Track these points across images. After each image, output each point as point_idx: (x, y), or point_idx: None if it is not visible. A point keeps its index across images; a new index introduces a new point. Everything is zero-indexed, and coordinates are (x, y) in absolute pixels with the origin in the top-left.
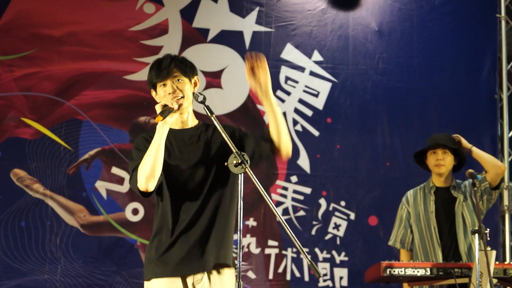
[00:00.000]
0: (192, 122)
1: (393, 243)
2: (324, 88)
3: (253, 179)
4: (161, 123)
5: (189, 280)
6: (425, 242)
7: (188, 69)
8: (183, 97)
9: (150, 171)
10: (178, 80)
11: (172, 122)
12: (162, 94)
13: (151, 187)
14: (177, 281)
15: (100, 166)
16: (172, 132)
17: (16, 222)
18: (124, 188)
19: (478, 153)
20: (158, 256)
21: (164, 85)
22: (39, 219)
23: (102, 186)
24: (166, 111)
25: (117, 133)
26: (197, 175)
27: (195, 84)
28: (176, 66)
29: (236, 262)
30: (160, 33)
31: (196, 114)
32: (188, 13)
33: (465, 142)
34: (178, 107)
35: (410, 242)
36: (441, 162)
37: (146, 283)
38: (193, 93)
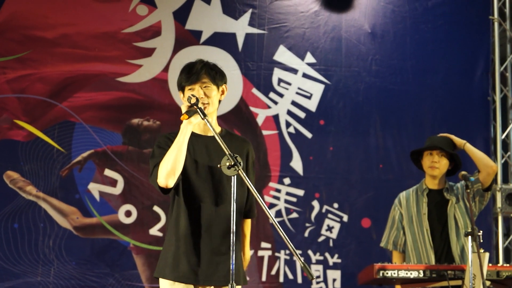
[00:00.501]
0: (216, 129)
1: (385, 244)
2: (317, 90)
3: (246, 181)
4: (186, 123)
5: None
6: (418, 244)
7: (218, 76)
8: (208, 103)
9: (171, 167)
10: (206, 86)
11: (195, 127)
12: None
13: (171, 183)
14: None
15: (93, 168)
16: (195, 137)
17: (9, 224)
18: (117, 190)
19: (471, 150)
20: (169, 258)
21: (192, 89)
22: (32, 221)
23: (95, 188)
24: (192, 111)
25: (110, 135)
26: (214, 183)
27: (223, 92)
28: (206, 72)
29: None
30: (153, 35)
31: None
32: (181, 15)
33: (457, 140)
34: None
35: (403, 244)
36: (435, 165)
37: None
38: (219, 101)
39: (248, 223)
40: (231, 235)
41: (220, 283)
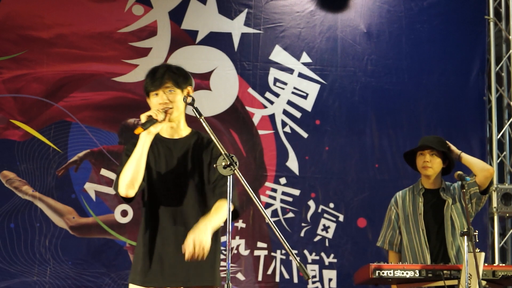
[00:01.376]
0: (184, 131)
1: (382, 244)
2: (312, 89)
3: (242, 181)
4: (145, 133)
5: None
6: (414, 244)
7: (181, 80)
8: (172, 108)
9: (130, 179)
10: (170, 91)
11: (163, 130)
12: (154, 103)
13: (131, 193)
14: None
15: (89, 168)
16: (161, 141)
17: (5, 224)
18: (113, 190)
19: (467, 159)
20: (141, 263)
21: (157, 94)
22: (28, 221)
23: (91, 188)
24: (148, 122)
25: (106, 135)
26: (181, 186)
27: (188, 94)
28: (169, 77)
29: (224, 283)
30: (149, 35)
31: (186, 116)
32: (177, 15)
33: (454, 149)
34: (165, 117)
35: (399, 244)
36: (428, 164)
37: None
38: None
39: (218, 202)
40: (227, 234)
41: (190, 284)
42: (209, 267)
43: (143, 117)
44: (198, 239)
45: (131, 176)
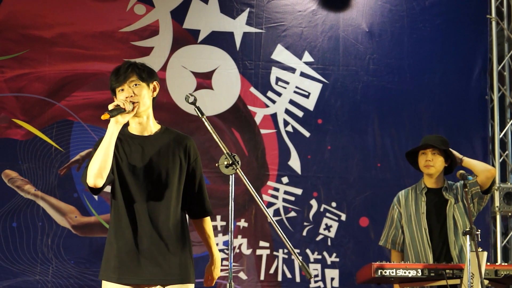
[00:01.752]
0: (154, 127)
1: (384, 243)
2: (314, 89)
3: (244, 180)
4: (113, 123)
5: None
6: (416, 243)
7: (146, 74)
8: (138, 102)
9: (98, 168)
10: (135, 85)
11: (132, 127)
12: (120, 98)
13: (99, 183)
14: None
15: None
16: (131, 138)
17: (7, 223)
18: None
19: (469, 162)
20: (114, 260)
21: (122, 90)
22: (31, 220)
23: None
24: (115, 110)
25: None
26: (154, 182)
27: (154, 89)
28: (133, 71)
29: (227, 282)
30: (151, 34)
31: (187, 115)
32: (179, 14)
33: (456, 154)
34: (133, 109)
35: (401, 243)
36: (430, 163)
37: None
38: (153, 98)
39: (207, 221)
40: (229, 233)
41: (165, 282)
42: (186, 265)
43: (111, 106)
44: (216, 275)
45: (99, 166)
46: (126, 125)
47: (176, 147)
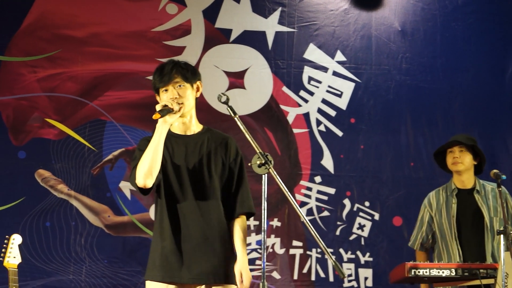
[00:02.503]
0: (196, 127)
1: (412, 244)
2: (347, 88)
3: (277, 180)
4: (161, 122)
5: None
6: (448, 244)
7: (190, 75)
8: (183, 103)
9: (148, 167)
10: (180, 86)
11: (175, 127)
12: (165, 99)
13: (149, 183)
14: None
15: (124, 167)
16: (174, 137)
17: (41, 223)
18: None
19: None
20: (160, 258)
21: (166, 90)
22: (64, 220)
23: (126, 187)
24: (165, 110)
25: (140, 134)
26: (196, 181)
27: (198, 89)
28: (177, 72)
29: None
30: (183, 33)
31: (220, 114)
32: (211, 14)
33: None
34: (179, 109)
35: (430, 245)
36: (457, 160)
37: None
38: (196, 98)
39: (243, 221)
40: (262, 233)
41: (209, 281)
42: (229, 264)
43: (158, 106)
44: (246, 273)
45: (149, 165)
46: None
47: (218, 146)
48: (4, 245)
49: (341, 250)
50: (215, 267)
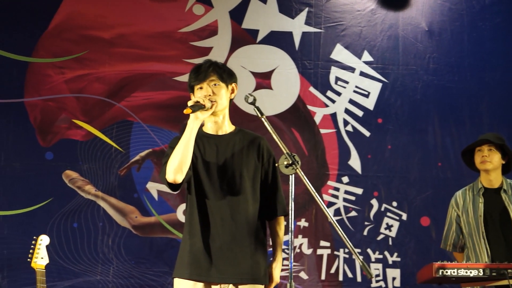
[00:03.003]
0: (229, 128)
1: (444, 245)
2: (374, 88)
3: (304, 180)
4: (193, 119)
5: None
6: (475, 244)
7: (226, 75)
8: (216, 101)
9: (178, 163)
10: (215, 84)
11: (207, 127)
12: (198, 96)
13: (179, 178)
14: (200, 286)
15: (151, 167)
16: (206, 137)
17: (68, 224)
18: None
19: None
20: (188, 256)
21: (201, 88)
22: (91, 220)
23: (153, 187)
24: (196, 106)
25: (167, 134)
26: (227, 181)
27: (232, 91)
28: (214, 71)
29: (287, 282)
30: (210, 34)
31: (246, 115)
32: (238, 14)
33: None
34: (211, 106)
35: (463, 244)
36: (486, 159)
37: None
38: (230, 100)
39: (280, 222)
40: (290, 233)
41: (237, 280)
42: (258, 264)
43: (190, 102)
44: (273, 277)
45: (179, 160)
46: (201, 125)
47: (250, 147)
48: (32, 246)
49: (369, 250)
50: (243, 267)
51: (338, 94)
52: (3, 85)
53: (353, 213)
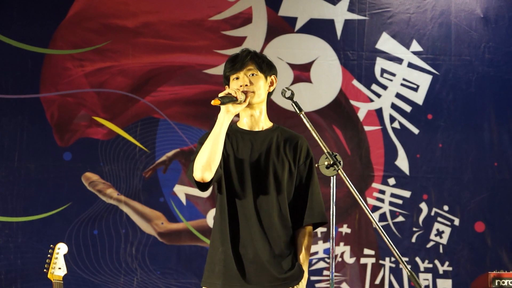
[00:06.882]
0: (265, 124)
1: None
2: (424, 81)
3: (346, 182)
4: (224, 112)
5: None
6: None
7: (265, 66)
8: (253, 92)
9: (206, 159)
10: (253, 74)
11: (243, 122)
12: (232, 87)
13: (207, 176)
14: None
15: (179, 169)
16: (240, 133)
17: (88, 230)
18: (206, 192)
19: None
20: (219, 265)
21: (237, 78)
22: (113, 227)
23: (181, 191)
24: (226, 97)
25: (197, 133)
26: (262, 181)
27: (271, 84)
28: (252, 59)
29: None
30: (243, 22)
31: (283, 111)
32: (274, 1)
33: None
34: (245, 100)
35: None
36: None
37: None
38: (269, 93)
39: (309, 231)
40: (331, 240)
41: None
42: (292, 269)
43: (221, 94)
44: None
45: (208, 157)
46: (236, 120)
47: (288, 146)
48: (49, 255)
49: (418, 259)
50: (277, 273)
51: (384, 87)
52: (17, 79)
53: (400, 218)
